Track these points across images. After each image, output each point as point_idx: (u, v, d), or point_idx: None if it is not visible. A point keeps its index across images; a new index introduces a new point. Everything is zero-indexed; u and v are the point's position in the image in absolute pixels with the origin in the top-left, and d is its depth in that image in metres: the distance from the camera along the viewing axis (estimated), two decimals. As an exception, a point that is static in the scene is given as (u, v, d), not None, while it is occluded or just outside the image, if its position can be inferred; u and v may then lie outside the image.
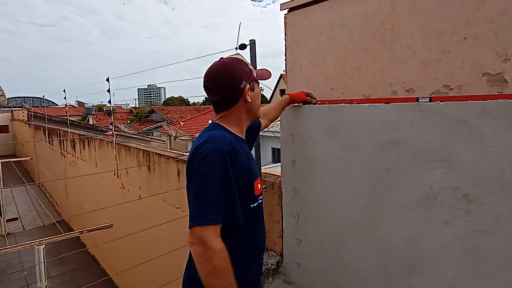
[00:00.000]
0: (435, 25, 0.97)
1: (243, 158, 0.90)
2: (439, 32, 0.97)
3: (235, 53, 1.13)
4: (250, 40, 1.46)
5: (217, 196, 0.79)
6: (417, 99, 1.01)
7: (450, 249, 1.00)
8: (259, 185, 0.98)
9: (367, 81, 1.17)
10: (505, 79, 0.87)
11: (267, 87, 1.83)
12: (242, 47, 1.46)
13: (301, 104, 1.42)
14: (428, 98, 0.99)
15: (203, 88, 0.98)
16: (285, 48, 1.49)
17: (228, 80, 0.93)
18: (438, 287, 1.04)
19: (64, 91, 5.42)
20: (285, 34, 1.48)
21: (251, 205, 0.94)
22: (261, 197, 1.00)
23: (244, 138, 1.02)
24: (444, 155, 0.98)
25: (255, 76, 1.01)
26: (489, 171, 0.90)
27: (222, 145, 0.83)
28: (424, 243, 1.06)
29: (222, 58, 0.99)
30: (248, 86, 0.96)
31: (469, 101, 0.92)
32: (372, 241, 1.21)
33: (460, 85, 0.95)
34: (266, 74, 1.07)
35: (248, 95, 0.96)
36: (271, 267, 1.67)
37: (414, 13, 1.02)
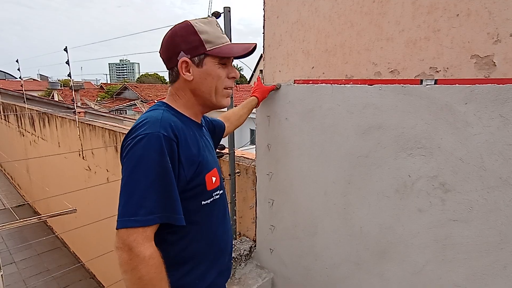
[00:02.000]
0: (427, -2, 0.88)
1: (190, 145, 0.74)
2: (431, 7, 0.88)
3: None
4: (224, 8, 1.29)
5: (149, 192, 0.64)
6: (420, 81, 0.92)
7: (423, 237, 0.98)
8: (214, 178, 0.80)
9: (351, 60, 1.08)
10: (494, 62, 0.81)
11: (247, 66, 1.69)
12: (216, 15, 1.28)
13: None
14: (433, 81, 0.90)
15: None
16: (263, 20, 1.35)
17: (165, 49, 0.78)
18: (407, 272, 1.04)
19: (17, 61, 4.76)
20: (264, 3, 1.33)
21: (203, 202, 0.79)
22: (218, 192, 0.84)
23: (199, 122, 0.86)
24: (426, 142, 0.93)
25: (208, 49, 0.76)
26: (468, 159, 0.87)
27: (160, 129, 0.67)
28: (398, 230, 1.04)
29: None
30: (185, 59, 0.75)
31: (456, 85, 0.86)
32: (346, 228, 1.18)
33: (447, 68, 0.88)
34: (234, 48, 0.79)
35: (188, 72, 0.77)
36: (243, 253, 1.63)
37: (405, -16, 0.92)
